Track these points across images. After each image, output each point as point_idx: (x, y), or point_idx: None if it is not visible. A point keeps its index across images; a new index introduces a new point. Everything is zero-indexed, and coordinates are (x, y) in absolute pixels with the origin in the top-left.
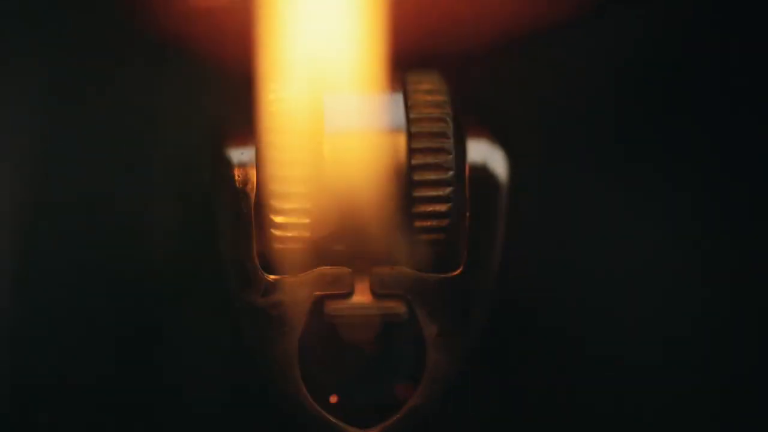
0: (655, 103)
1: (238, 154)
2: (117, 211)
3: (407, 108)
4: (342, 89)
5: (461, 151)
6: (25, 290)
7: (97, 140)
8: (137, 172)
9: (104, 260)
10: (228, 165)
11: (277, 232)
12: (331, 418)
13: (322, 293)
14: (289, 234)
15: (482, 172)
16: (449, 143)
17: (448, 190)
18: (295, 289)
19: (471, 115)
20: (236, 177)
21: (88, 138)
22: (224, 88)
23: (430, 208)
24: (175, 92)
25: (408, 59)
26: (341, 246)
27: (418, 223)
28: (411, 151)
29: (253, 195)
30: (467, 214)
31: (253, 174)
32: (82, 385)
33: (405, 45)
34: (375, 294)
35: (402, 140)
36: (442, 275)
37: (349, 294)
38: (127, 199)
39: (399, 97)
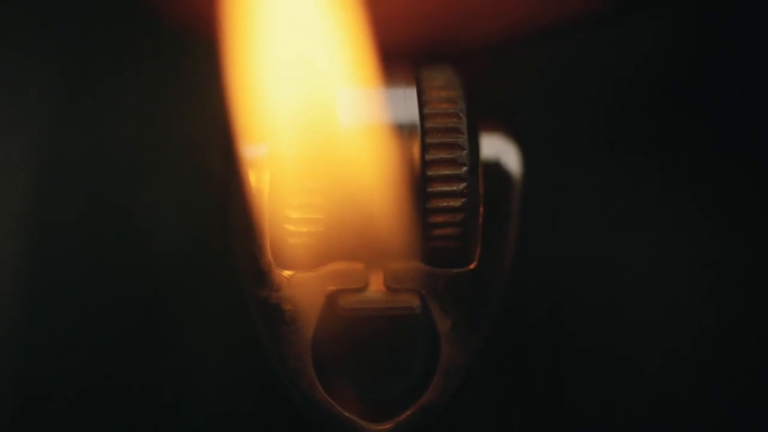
0: (667, 102)
1: (251, 150)
2: (128, 207)
3: (421, 103)
4: (353, 85)
5: (475, 147)
6: (32, 289)
7: (106, 136)
8: (148, 167)
9: (116, 256)
10: (241, 160)
11: (290, 228)
12: (344, 413)
13: (336, 288)
14: (303, 229)
15: (496, 168)
16: (463, 138)
17: (462, 185)
18: (309, 284)
19: (485, 110)
20: (249, 172)
21: (96, 132)
22: (237, 83)
23: (443, 203)
24: (186, 87)
25: (422, 55)
26: (355, 241)
27: (431, 218)
28: (425, 147)
29: (266, 190)
30: (481, 209)
31: (266, 169)
32: (91, 384)
33: (419, 41)
34: (389, 289)
35: (416, 136)
36: (456, 270)
37: (363, 289)
38: (138, 195)
39: (413, 93)
